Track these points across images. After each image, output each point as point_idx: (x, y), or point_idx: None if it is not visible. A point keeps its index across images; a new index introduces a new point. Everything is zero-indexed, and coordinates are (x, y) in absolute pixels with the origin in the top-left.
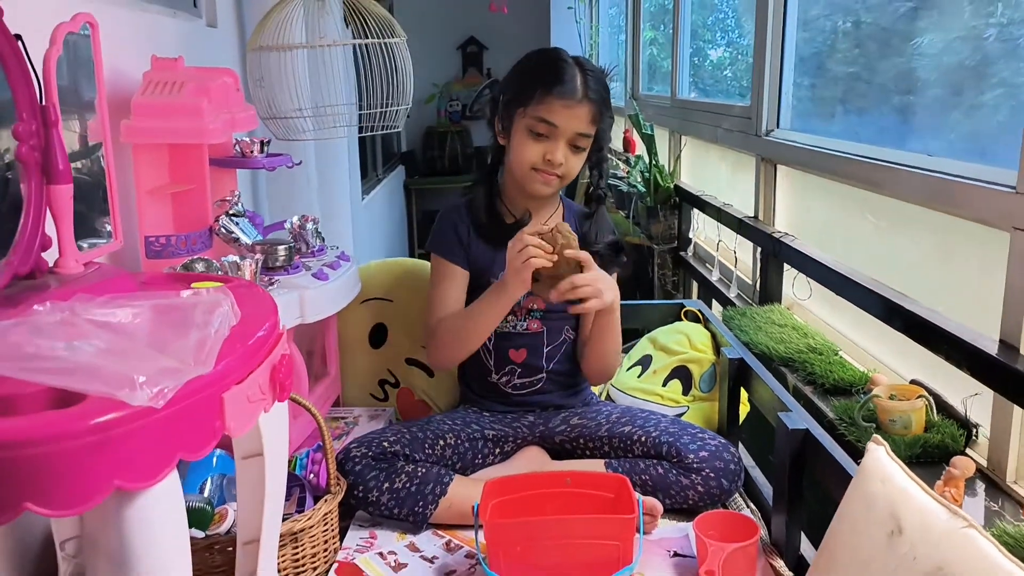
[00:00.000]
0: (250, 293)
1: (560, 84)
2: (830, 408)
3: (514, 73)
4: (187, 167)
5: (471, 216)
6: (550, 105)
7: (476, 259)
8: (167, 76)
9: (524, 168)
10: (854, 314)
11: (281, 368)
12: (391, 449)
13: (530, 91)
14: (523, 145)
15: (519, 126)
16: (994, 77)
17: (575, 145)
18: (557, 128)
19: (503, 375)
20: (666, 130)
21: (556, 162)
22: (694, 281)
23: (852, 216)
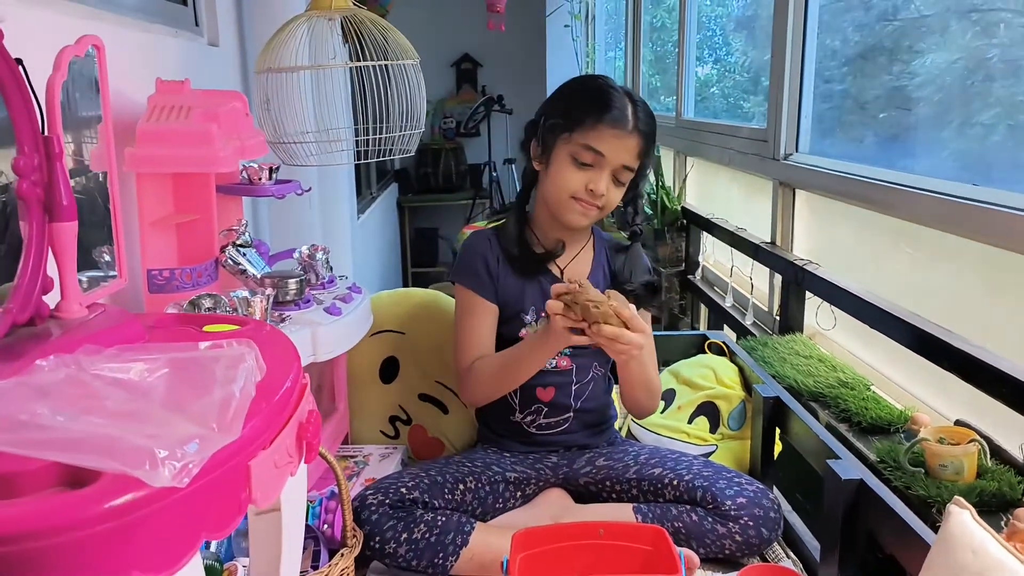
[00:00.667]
0: (270, 338)
1: (611, 112)
2: (871, 449)
3: (559, 97)
4: (193, 196)
5: (501, 246)
6: (600, 133)
7: (505, 290)
8: (173, 100)
9: (563, 196)
10: (884, 346)
11: (309, 426)
12: (410, 496)
13: (579, 116)
14: (565, 172)
15: (562, 152)
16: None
17: (618, 178)
18: (604, 157)
19: (528, 414)
20: (671, 150)
21: (599, 192)
22: (702, 305)
23: (883, 245)
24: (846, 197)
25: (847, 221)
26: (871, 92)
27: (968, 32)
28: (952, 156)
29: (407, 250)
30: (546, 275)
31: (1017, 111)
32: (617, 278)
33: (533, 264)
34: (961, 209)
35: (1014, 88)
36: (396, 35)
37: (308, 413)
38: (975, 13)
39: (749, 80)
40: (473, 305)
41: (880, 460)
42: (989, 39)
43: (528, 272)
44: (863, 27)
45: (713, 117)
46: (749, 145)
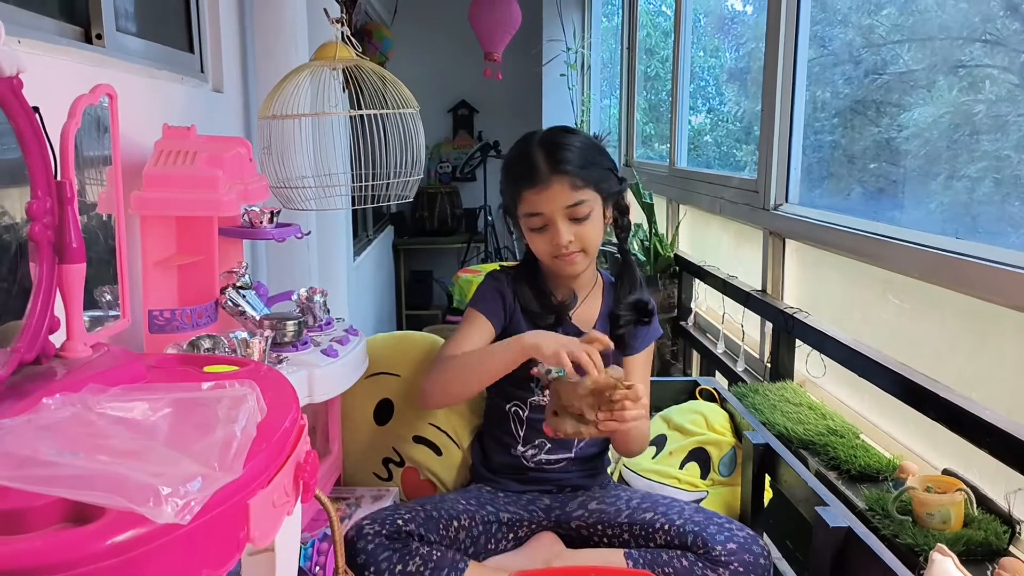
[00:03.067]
0: (269, 380)
1: (525, 176)
2: (859, 497)
3: (502, 179)
4: (195, 238)
5: (517, 299)
6: (526, 199)
7: (518, 329)
8: (179, 145)
9: (546, 259)
10: (872, 394)
11: (306, 466)
12: (406, 528)
13: (511, 194)
14: (532, 242)
15: (523, 228)
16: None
17: (574, 218)
18: (544, 215)
19: (530, 448)
20: (663, 198)
21: (563, 244)
22: (695, 351)
23: (871, 296)
24: (834, 248)
25: (836, 271)
26: (859, 144)
27: (955, 88)
28: (938, 209)
29: (402, 292)
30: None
31: (1002, 165)
32: (615, 300)
33: (556, 319)
34: (944, 261)
35: (999, 143)
36: (397, 85)
37: (305, 453)
38: (962, 69)
39: (742, 129)
40: (475, 320)
41: (868, 508)
42: (975, 95)
43: (551, 326)
44: (852, 80)
45: (706, 165)
46: (740, 195)
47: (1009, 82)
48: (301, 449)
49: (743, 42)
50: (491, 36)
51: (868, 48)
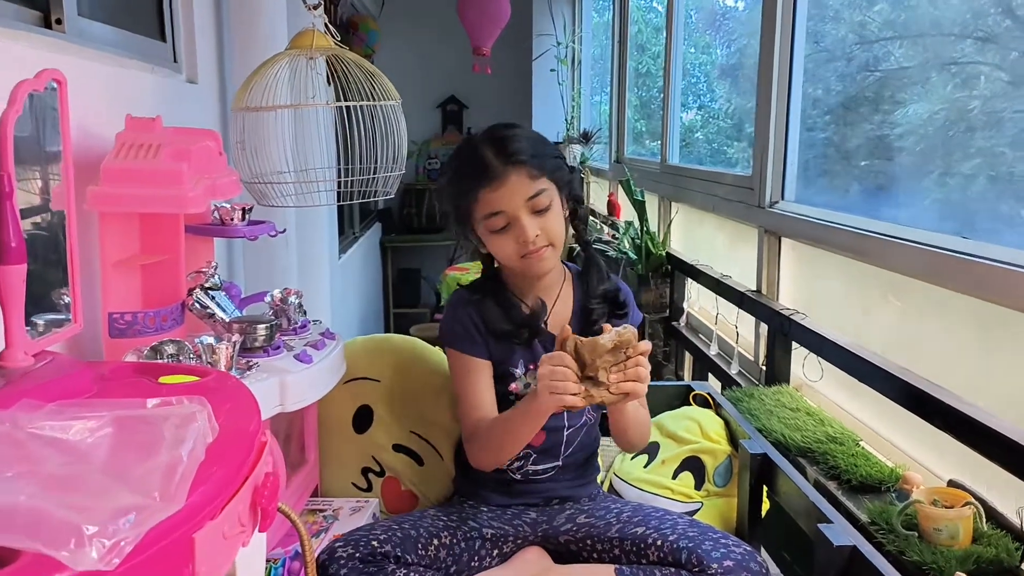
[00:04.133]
0: (230, 392)
1: (478, 176)
2: (861, 510)
3: (443, 197)
4: (160, 236)
5: (487, 324)
6: (483, 200)
7: (494, 352)
8: (143, 138)
9: (515, 262)
10: (872, 400)
11: (265, 490)
12: (381, 550)
13: (462, 201)
14: (496, 245)
15: (482, 234)
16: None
17: (536, 210)
18: (505, 212)
19: (517, 459)
20: (655, 195)
21: (530, 239)
22: (687, 353)
23: (871, 297)
24: (833, 247)
25: (834, 271)
26: (854, 141)
27: (948, 84)
28: (934, 205)
29: (389, 290)
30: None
31: (998, 162)
32: (586, 295)
33: (530, 335)
34: (950, 262)
35: (994, 139)
36: (380, 77)
37: (264, 476)
38: (954, 66)
39: (733, 127)
40: (468, 367)
41: (872, 522)
42: (970, 91)
43: (521, 342)
44: (845, 77)
45: (697, 162)
46: (734, 192)
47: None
48: (260, 471)
49: (735, 38)
50: (480, 30)
51: (861, 45)
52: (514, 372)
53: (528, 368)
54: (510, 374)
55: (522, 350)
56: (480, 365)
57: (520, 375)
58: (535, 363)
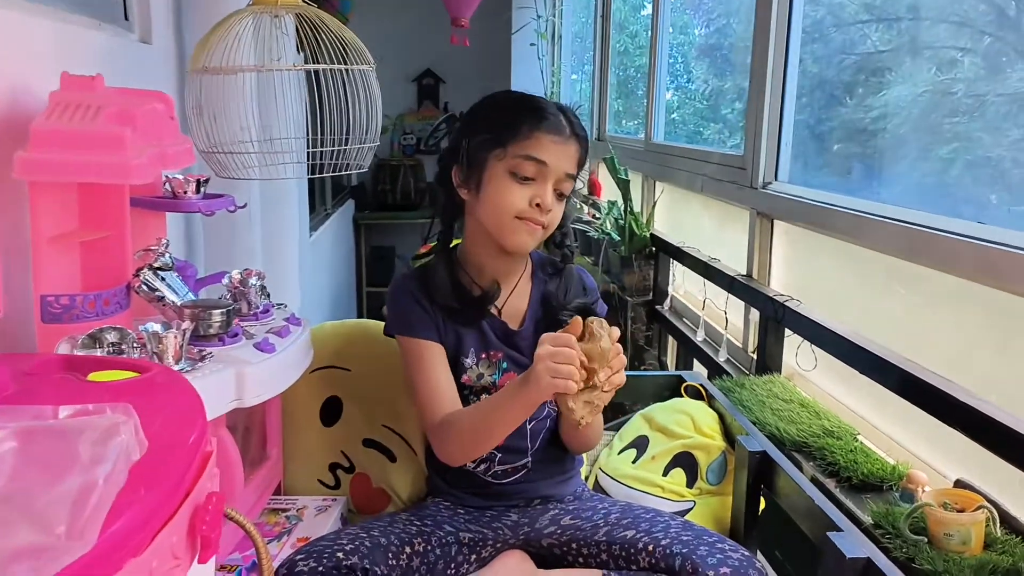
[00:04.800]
0: (169, 392)
1: (547, 119)
2: (864, 511)
3: (483, 114)
4: (102, 210)
5: (431, 298)
6: (539, 141)
7: (444, 337)
8: (80, 98)
9: (506, 218)
10: (870, 392)
11: (206, 514)
12: (347, 561)
13: (513, 127)
14: (505, 191)
15: (497, 170)
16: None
17: (560, 191)
18: (547, 167)
19: (481, 462)
20: (638, 174)
21: (546, 206)
22: (670, 337)
23: (873, 285)
24: (830, 230)
25: (831, 256)
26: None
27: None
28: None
29: (363, 269)
30: (485, 316)
31: (975, 146)
32: (550, 301)
33: (472, 313)
34: (963, 248)
35: (975, 123)
36: (353, 40)
37: (207, 497)
38: (928, 50)
39: (708, 108)
40: (421, 352)
41: (876, 525)
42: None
43: (465, 319)
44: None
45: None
46: (724, 172)
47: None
48: (202, 489)
49: (713, 17)
50: (458, 0)
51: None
52: (464, 362)
53: (480, 357)
54: (460, 364)
55: (472, 336)
56: (434, 349)
57: (471, 365)
58: (488, 352)
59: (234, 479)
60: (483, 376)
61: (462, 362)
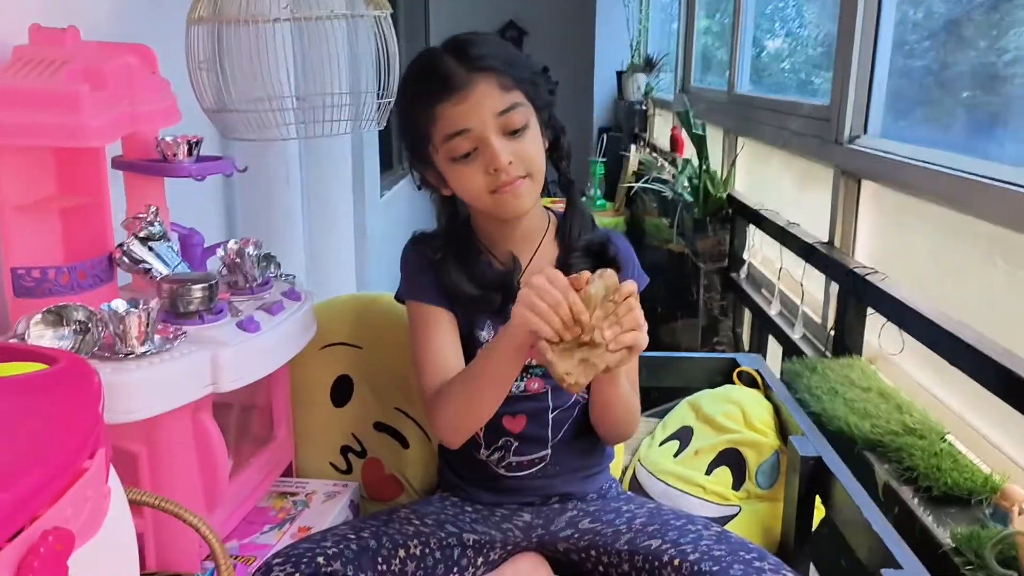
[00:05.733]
0: (59, 395)
1: (437, 87)
2: (944, 529)
3: (397, 114)
4: (79, 174)
5: (452, 293)
6: (443, 117)
7: (456, 310)
8: (46, 53)
9: (483, 199)
10: (967, 383)
11: (36, 558)
12: (328, 568)
13: (418, 120)
14: (461, 178)
15: (443, 164)
16: None
17: (509, 131)
18: (472, 131)
19: (495, 450)
20: (720, 130)
21: (503, 165)
22: (746, 309)
23: (972, 258)
24: (925, 193)
25: (925, 223)
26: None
27: None
28: None
29: None
30: None
31: None
32: (564, 245)
33: (495, 300)
34: None
35: None
36: None
37: (40, 535)
38: None
39: (821, 55)
40: (427, 318)
41: (957, 551)
42: None
43: (499, 309)
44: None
45: (779, 93)
46: (808, 125)
47: None
48: (37, 528)
49: None
50: None
51: None
52: (480, 335)
53: (498, 330)
54: (475, 338)
55: (500, 315)
56: (442, 316)
57: (487, 338)
58: (505, 324)
59: (216, 467)
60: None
61: (477, 336)
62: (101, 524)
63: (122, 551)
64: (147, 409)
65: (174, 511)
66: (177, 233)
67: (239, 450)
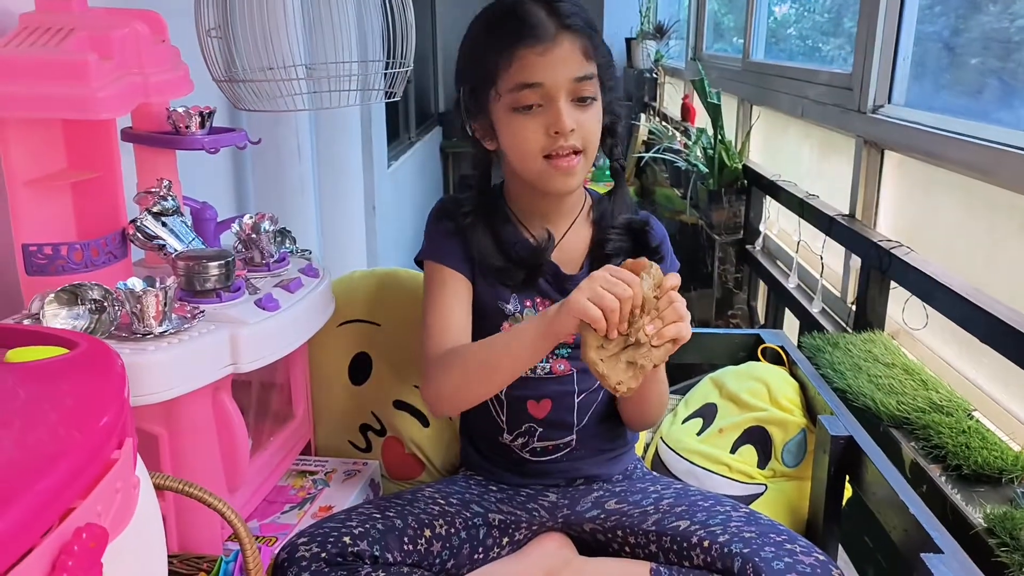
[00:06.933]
0: (83, 381)
1: (520, 32)
2: (976, 509)
3: (464, 54)
4: (89, 148)
5: (478, 259)
6: (523, 61)
7: (479, 279)
8: (53, 20)
9: (534, 162)
10: (994, 358)
11: (69, 559)
12: (354, 548)
13: (491, 59)
14: (518, 130)
15: (500, 113)
16: None
17: (580, 97)
18: (545, 85)
19: (519, 435)
20: (734, 98)
21: (564, 129)
22: (761, 282)
23: (1002, 231)
24: (953, 164)
25: (952, 194)
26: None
27: None
28: None
29: None
30: None
31: None
32: (599, 227)
33: (524, 274)
34: None
35: None
36: None
37: (74, 532)
38: None
39: (829, 21)
40: (444, 279)
41: (990, 531)
42: None
43: (520, 283)
44: None
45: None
46: (829, 93)
47: None
48: (70, 526)
49: None
50: None
51: None
52: (505, 308)
53: (525, 305)
54: (500, 310)
55: (524, 293)
56: (459, 281)
57: (515, 312)
58: (534, 299)
59: (237, 447)
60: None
61: (502, 308)
62: (131, 516)
63: (151, 542)
64: (167, 391)
65: (199, 496)
66: (189, 207)
67: (259, 429)
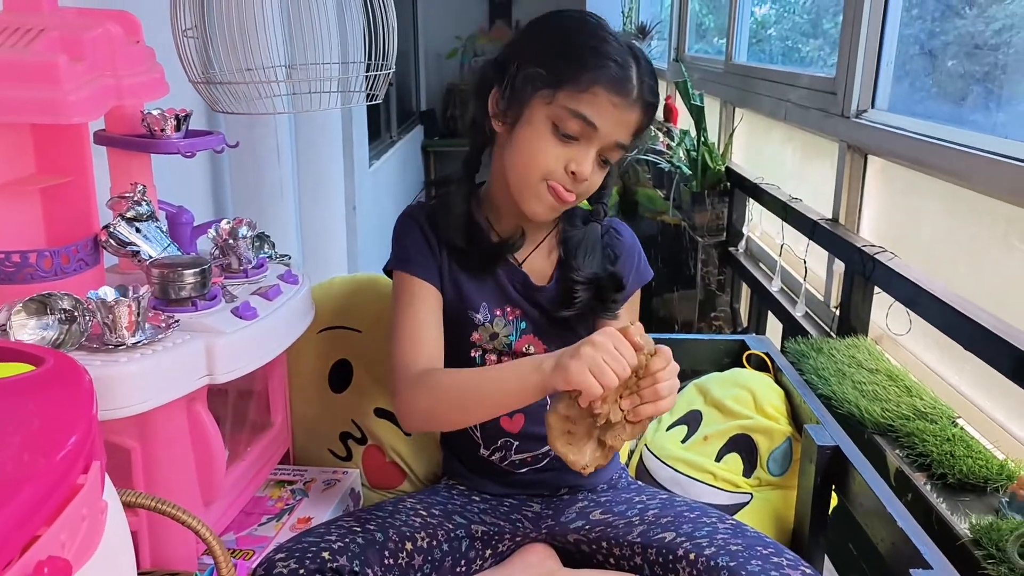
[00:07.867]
0: (47, 400)
1: (613, 73)
2: (961, 519)
3: (542, 39)
4: (59, 151)
5: (440, 235)
6: (596, 98)
7: (454, 286)
8: (23, 20)
9: (533, 177)
10: (977, 365)
11: None
12: (334, 563)
13: (570, 71)
14: (539, 142)
15: (538, 115)
16: None
17: (605, 159)
18: (596, 131)
19: (495, 450)
20: (717, 100)
21: (582, 176)
22: (744, 285)
23: (986, 238)
24: (936, 170)
25: (935, 200)
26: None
27: None
28: None
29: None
30: (501, 264)
31: None
32: (570, 267)
33: (486, 260)
34: None
35: None
36: None
37: (35, 568)
38: None
39: (809, 22)
40: (414, 291)
41: (976, 542)
42: None
43: (478, 267)
44: None
45: (769, 62)
46: (812, 97)
47: None
48: (31, 559)
49: None
50: None
51: None
52: (475, 317)
53: (495, 313)
54: (469, 319)
55: (487, 289)
56: (428, 291)
57: (484, 321)
58: (504, 307)
59: (212, 460)
60: (497, 336)
61: (471, 317)
62: (98, 543)
63: (120, 569)
64: (140, 404)
65: (172, 513)
66: (165, 211)
67: (235, 439)
